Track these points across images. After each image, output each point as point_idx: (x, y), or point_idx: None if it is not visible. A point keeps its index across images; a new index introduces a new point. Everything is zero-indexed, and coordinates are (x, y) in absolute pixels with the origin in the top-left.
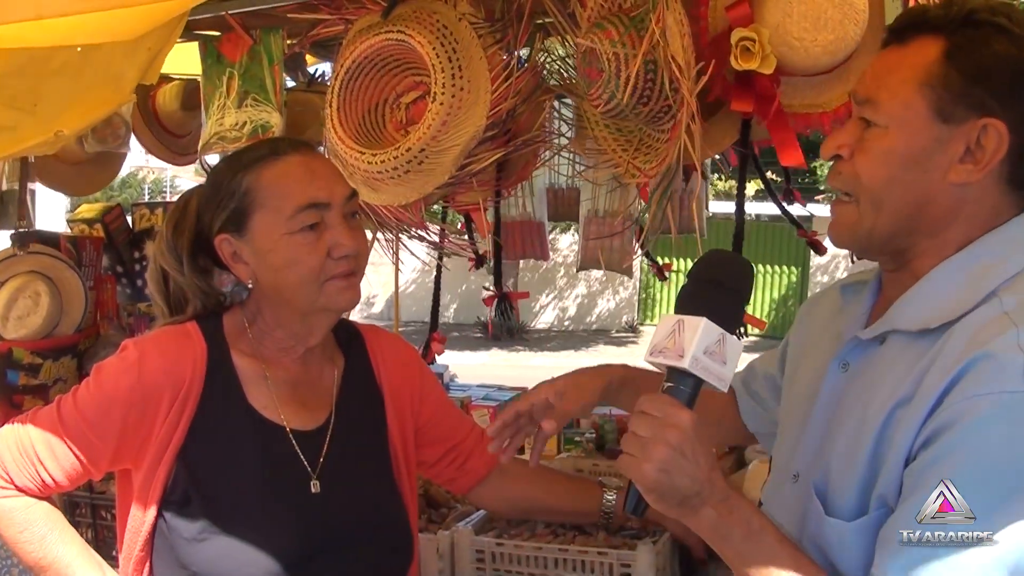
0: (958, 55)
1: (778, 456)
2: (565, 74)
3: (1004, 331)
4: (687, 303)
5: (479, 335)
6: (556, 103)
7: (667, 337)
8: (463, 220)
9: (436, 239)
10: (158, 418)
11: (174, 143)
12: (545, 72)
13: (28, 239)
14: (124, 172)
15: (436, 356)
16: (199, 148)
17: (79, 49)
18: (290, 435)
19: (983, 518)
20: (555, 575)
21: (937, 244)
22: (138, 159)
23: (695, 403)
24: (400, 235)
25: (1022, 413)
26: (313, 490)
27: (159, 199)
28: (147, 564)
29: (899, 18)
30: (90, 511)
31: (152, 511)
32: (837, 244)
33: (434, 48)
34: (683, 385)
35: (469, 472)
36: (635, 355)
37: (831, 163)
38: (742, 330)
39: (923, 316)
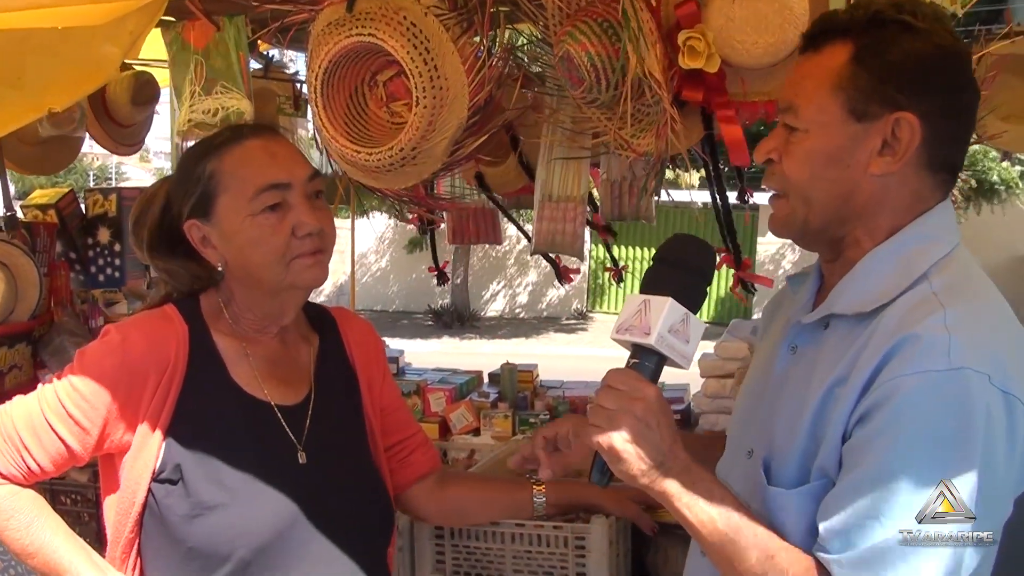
0: (865, 56)
1: (732, 434)
2: (535, 59)
3: (932, 312)
4: (653, 283)
5: (429, 323)
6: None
7: (633, 315)
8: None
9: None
10: (144, 399)
11: (119, 133)
12: (516, 56)
13: (13, 223)
14: None
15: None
16: (174, 134)
17: (60, 28)
18: (275, 410)
19: (914, 489)
20: (512, 549)
21: (869, 231)
22: (83, 144)
23: (658, 379)
24: (402, 207)
25: (947, 390)
26: (301, 461)
27: (105, 184)
28: (136, 545)
29: (812, 25)
30: (50, 497)
31: (142, 492)
32: (777, 235)
33: (408, 52)
34: (648, 361)
35: (410, 466)
36: (585, 342)
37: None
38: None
39: (859, 300)
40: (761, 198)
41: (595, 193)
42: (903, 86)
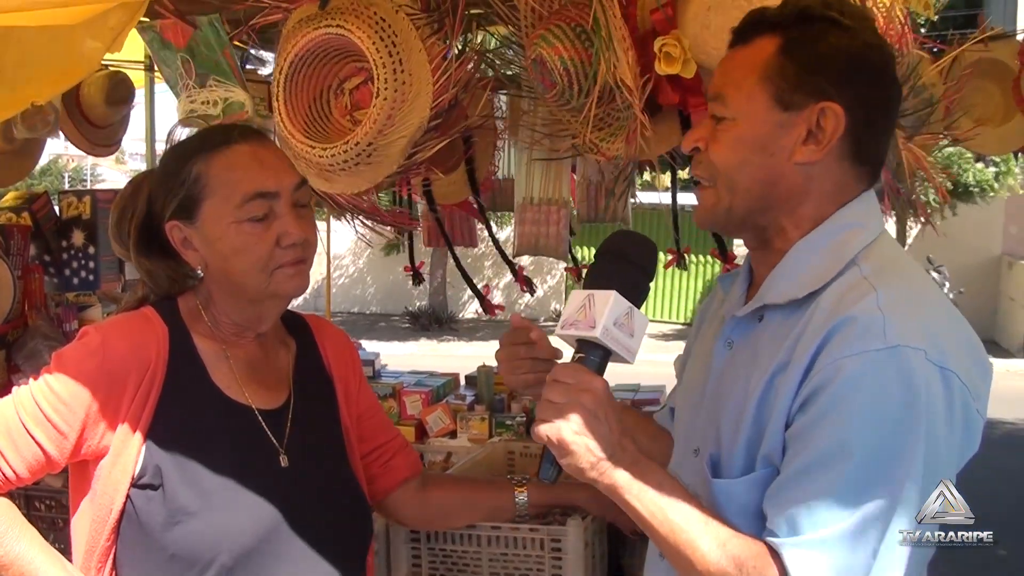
0: (793, 48)
1: (678, 434)
2: (509, 63)
3: (865, 295)
4: (596, 279)
5: (407, 325)
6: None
7: (578, 310)
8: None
9: (387, 222)
10: (123, 402)
11: (95, 134)
12: (487, 59)
13: None
14: (44, 160)
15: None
16: (176, 122)
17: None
18: (256, 414)
19: (862, 471)
20: (488, 552)
21: (794, 221)
22: (58, 146)
23: (603, 373)
24: (354, 219)
25: (886, 368)
26: (282, 464)
27: (80, 187)
28: (112, 554)
29: (742, 21)
30: (24, 503)
31: (120, 499)
32: (700, 226)
33: (374, 43)
34: (593, 356)
35: (392, 470)
36: (563, 344)
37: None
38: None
39: (790, 289)
40: None
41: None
42: (829, 77)
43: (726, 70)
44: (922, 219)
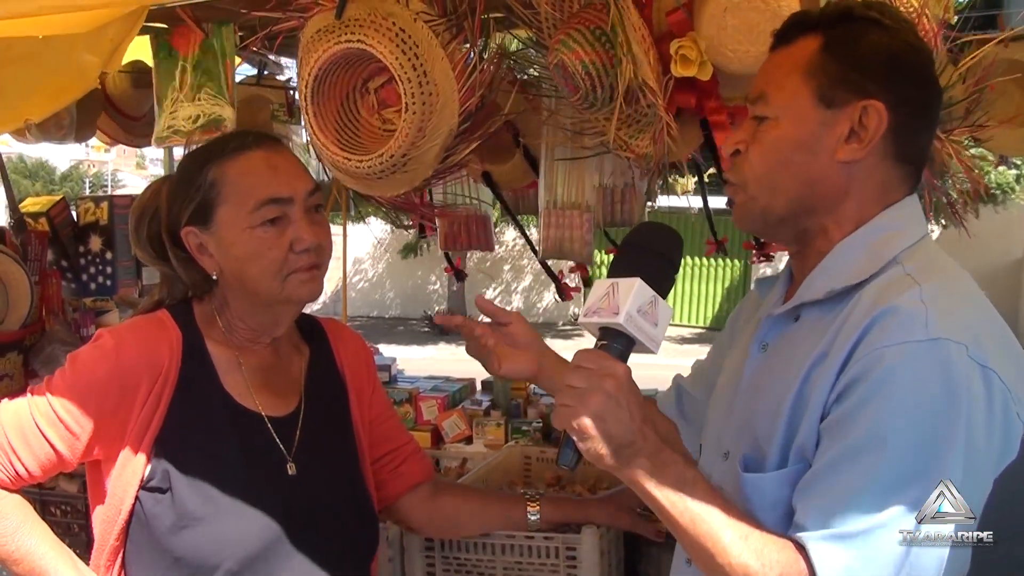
0: (835, 46)
1: (708, 438)
2: (531, 63)
3: (907, 288)
4: (620, 268)
5: (426, 329)
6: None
7: (602, 298)
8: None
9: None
10: (135, 405)
11: (131, 126)
12: (509, 62)
13: (22, 227)
14: (65, 165)
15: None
16: (152, 141)
17: (40, 37)
18: (266, 421)
19: (898, 465)
20: (503, 561)
21: (835, 220)
22: (79, 152)
23: (626, 361)
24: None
25: (928, 359)
26: (290, 472)
27: (101, 192)
28: (120, 554)
29: (783, 23)
30: (40, 507)
31: (129, 500)
32: (738, 227)
33: (397, 58)
34: (616, 343)
35: (402, 476)
36: (581, 347)
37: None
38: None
39: (828, 283)
40: None
41: None
42: (872, 74)
43: (768, 70)
44: (943, 222)
